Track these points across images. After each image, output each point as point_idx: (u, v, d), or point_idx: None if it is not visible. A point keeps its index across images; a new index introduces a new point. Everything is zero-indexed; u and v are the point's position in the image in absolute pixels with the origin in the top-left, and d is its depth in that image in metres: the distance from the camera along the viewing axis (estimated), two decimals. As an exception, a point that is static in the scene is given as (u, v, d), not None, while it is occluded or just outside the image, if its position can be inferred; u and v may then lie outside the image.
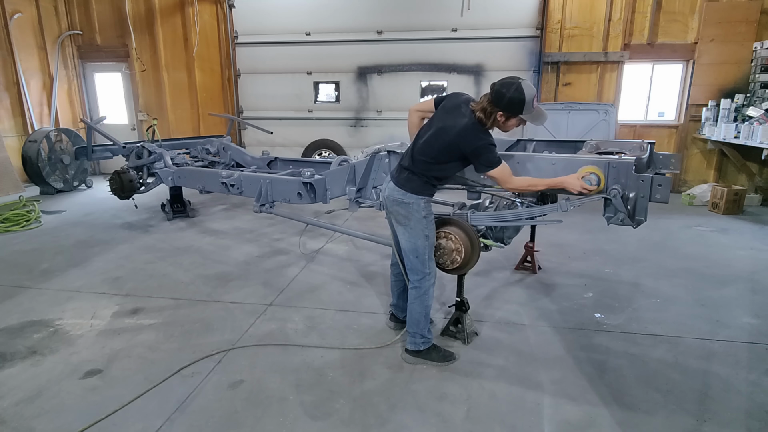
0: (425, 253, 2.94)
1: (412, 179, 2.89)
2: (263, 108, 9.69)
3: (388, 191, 2.98)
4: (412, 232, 2.91)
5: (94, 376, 2.94)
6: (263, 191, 4.38)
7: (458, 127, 2.74)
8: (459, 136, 2.73)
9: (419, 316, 3.03)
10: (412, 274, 3.02)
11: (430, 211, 2.97)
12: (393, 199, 2.93)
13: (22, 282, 4.43)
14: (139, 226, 6.37)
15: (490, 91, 2.73)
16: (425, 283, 2.99)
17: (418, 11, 8.73)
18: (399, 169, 2.99)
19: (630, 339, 3.38)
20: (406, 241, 2.96)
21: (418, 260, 2.95)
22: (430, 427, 2.50)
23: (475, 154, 2.73)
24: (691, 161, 8.55)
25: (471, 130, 2.73)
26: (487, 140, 2.73)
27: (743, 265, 4.84)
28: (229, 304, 3.99)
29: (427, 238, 2.94)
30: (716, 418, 2.55)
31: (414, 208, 2.88)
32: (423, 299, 3.01)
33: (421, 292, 3.00)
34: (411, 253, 2.96)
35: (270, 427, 2.50)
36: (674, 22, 8.14)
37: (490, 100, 2.70)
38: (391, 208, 2.97)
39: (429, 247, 2.96)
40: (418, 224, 2.90)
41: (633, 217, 2.83)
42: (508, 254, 4.87)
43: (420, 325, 3.04)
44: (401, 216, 2.93)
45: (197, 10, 9.28)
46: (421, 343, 3.08)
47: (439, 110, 2.94)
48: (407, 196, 2.89)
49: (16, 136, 9.05)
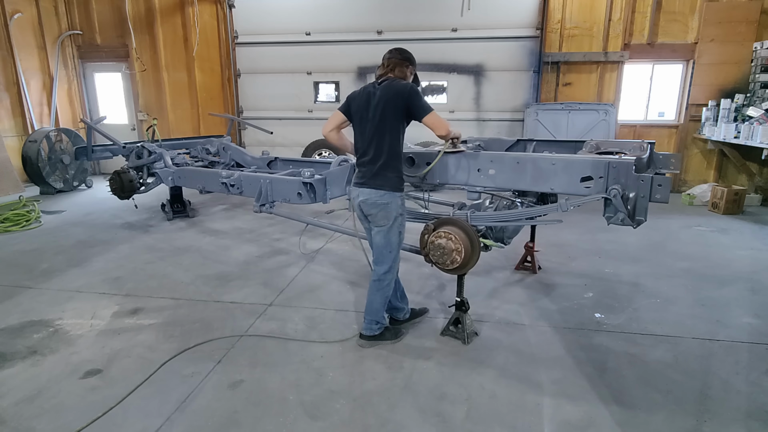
0: (397, 248, 3.17)
1: (388, 178, 3.03)
2: (263, 108, 9.69)
3: (364, 196, 3.08)
4: (390, 230, 3.11)
5: (94, 376, 2.94)
6: (263, 191, 4.37)
7: (397, 87, 2.98)
8: (406, 91, 2.96)
9: (379, 305, 3.26)
10: (379, 267, 3.20)
11: (405, 208, 3.18)
12: (372, 203, 3.06)
13: (22, 282, 4.43)
14: (139, 226, 6.37)
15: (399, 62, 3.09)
16: (389, 276, 3.21)
17: (418, 11, 8.73)
18: (369, 172, 3.06)
19: (630, 339, 3.38)
20: (381, 238, 3.14)
21: (391, 255, 3.16)
22: (430, 427, 2.50)
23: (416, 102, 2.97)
24: (691, 161, 8.55)
25: (407, 84, 3.05)
26: (417, 88, 3.08)
27: (743, 265, 4.84)
28: (229, 304, 3.99)
29: (400, 234, 3.17)
30: (716, 418, 2.55)
31: (393, 207, 3.05)
32: (385, 290, 3.24)
33: (384, 284, 3.22)
34: (384, 248, 3.15)
35: (270, 427, 2.50)
36: (674, 22, 8.14)
37: (408, 65, 3.12)
38: (370, 211, 3.09)
39: (400, 243, 3.20)
40: (396, 222, 3.10)
41: (633, 217, 2.83)
42: (508, 254, 4.87)
43: (378, 313, 3.27)
44: (381, 217, 3.08)
45: (197, 10, 9.29)
46: (377, 329, 3.31)
47: (361, 104, 3.09)
48: (385, 196, 3.03)
49: (16, 136, 9.06)
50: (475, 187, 3.38)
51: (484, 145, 4.47)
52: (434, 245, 3.09)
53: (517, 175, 3.17)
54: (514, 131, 8.80)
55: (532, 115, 8.24)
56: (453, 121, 9.02)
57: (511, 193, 3.78)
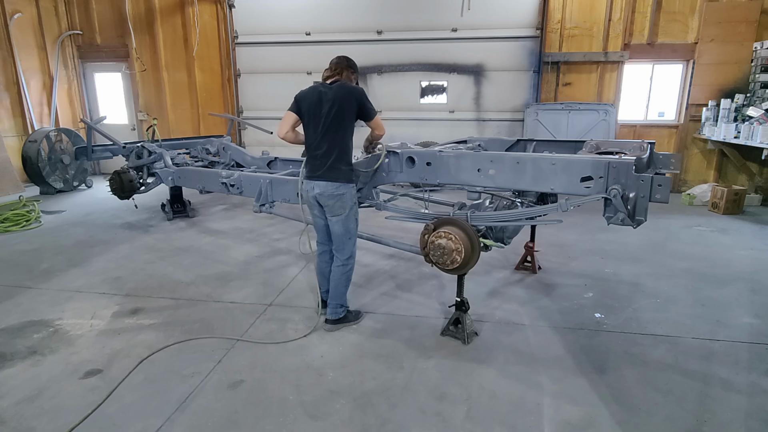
0: (354, 234, 3.43)
1: (341, 170, 3.27)
2: (263, 108, 9.69)
3: (320, 189, 3.30)
4: (346, 218, 3.35)
5: (94, 376, 2.94)
6: (263, 191, 4.38)
7: (350, 88, 3.26)
8: (358, 93, 3.26)
9: (343, 288, 3.50)
10: (341, 254, 3.45)
11: (356, 197, 3.43)
12: (328, 194, 3.29)
13: (22, 282, 4.43)
14: (139, 226, 6.37)
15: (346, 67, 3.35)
16: (351, 260, 3.48)
17: (418, 11, 8.73)
18: (323, 165, 3.28)
19: (630, 339, 3.38)
20: (341, 226, 3.36)
21: (350, 241, 3.42)
22: (430, 427, 2.50)
23: (364, 104, 3.27)
24: (691, 161, 8.55)
25: (358, 88, 3.31)
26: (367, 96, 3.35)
27: (743, 265, 4.84)
28: (229, 304, 3.99)
29: (356, 221, 3.44)
30: (716, 418, 2.55)
31: (347, 197, 3.31)
32: (348, 274, 3.49)
33: (347, 268, 3.47)
34: (344, 236, 3.40)
35: (270, 427, 2.50)
36: (674, 22, 8.14)
37: (353, 71, 3.40)
38: (326, 202, 3.32)
39: (356, 229, 3.45)
40: (351, 211, 3.35)
41: (633, 217, 2.83)
42: (508, 254, 4.87)
43: (342, 297, 3.52)
44: (337, 207, 3.32)
45: (197, 10, 9.29)
46: (341, 312, 3.54)
47: (313, 102, 3.27)
48: (340, 188, 3.27)
49: (16, 136, 9.06)
50: (475, 187, 3.38)
51: (484, 145, 4.47)
52: (434, 245, 3.09)
53: (517, 175, 3.16)
54: (514, 131, 8.80)
55: (532, 115, 8.24)
56: (453, 121, 9.04)
57: (511, 193, 3.78)
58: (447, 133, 8.71)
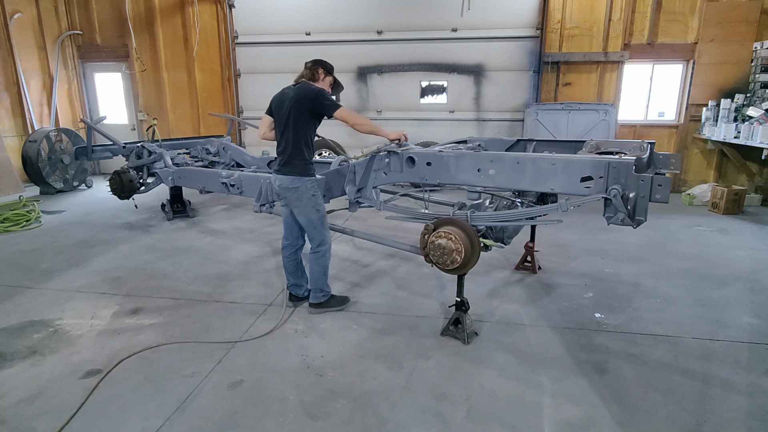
0: (320, 223, 3.58)
1: (294, 164, 3.47)
2: (263, 108, 9.50)
3: (279, 182, 3.55)
4: (305, 209, 3.52)
5: (94, 376, 2.94)
6: (263, 191, 4.38)
7: (307, 88, 3.45)
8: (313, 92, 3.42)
9: (319, 274, 3.67)
10: (312, 241, 3.63)
11: (316, 189, 3.54)
12: (285, 187, 3.51)
13: (22, 282, 4.43)
14: (139, 226, 6.37)
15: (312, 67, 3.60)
16: (323, 247, 3.62)
17: (418, 11, 8.73)
18: (282, 163, 3.53)
19: (630, 339, 3.38)
20: (302, 217, 3.56)
21: (316, 230, 3.58)
22: (430, 427, 2.50)
23: (319, 101, 3.40)
24: (691, 161, 8.55)
25: (316, 87, 3.49)
26: (323, 91, 3.50)
27: (743, 265, 4.84)
28: (229, 304, 3.99)
29: (318, 212, 3.56)
30: (716, 418, 2.55)
31: (302, 190, 3.48)
32: (321, 261, 3.64)
33: (320, 254, 3.62)
34: (308, 226, 3.58)
35: (270, 427, 2.50)
36: (674, 22, 8.14)
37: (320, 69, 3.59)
38: (284, 194, 3.56)
39: (321, 218, 3.59)
40: (309, 202, 3.50)
41: (633, 217, 2.83)
42: (508, 254, 4.87)
43: (320, 282, 3.70)
44: (294, 199, 3.52)
45: (197, 10, 9.29)
46: (322, 297, 3.74)
47: (278, 104, 3.58)
48: (295, 181, 3.47)
49: (16, 136, 9.06)
50: (475, 187, 3.38)
51: (484, 145, 4.47)
52: (434, 245, 3.09)
53: (517, 175, 3.16)
54: (514, 131, 8.80)
55: (532, 115, 8.24)
56: (453, 121, 9.03)
57: (511, 193, 3.78)
58: (447, 133, 8.70)
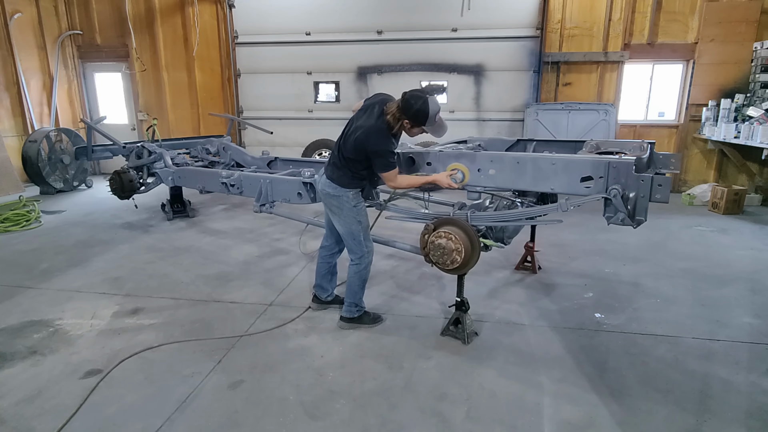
0: (360, 235, 3.34)
1: (340, 174, 3.23)
2: (263, 108, 9.69)
3: (321, 185, 3.35)
4: (346, 220, 3.30)
5: (94, 376, 2.94)
6: (263, 191, 4.38)
7: (366, 127, 3.06)
8: (366, 136, 3.04)
9: (357, 288, 3.46)
10: (352, 254, 3.43)
11: (359, 200, 3.32)
12: (325, 192, 3.31)
13: (22, 282, 4.43)
14: (139, 226, 6.37)
15: (401, 99, 3.00)
16: (365, 260, 3.40)
17: (418, 11, 8.73)
18: (330, 164, 3.32)
19: (630, 339, 3.38)
20: (341, 226, 3.36)
21: (355, 242, 3.36)
22: (430, 427, 2.50)
23: (375, 154, 3.07)
24: (691, 161, 8.55)
25: (376, 133, 3.04)
26: (387, 146, 3.07)
27: (743, 265, 4.84)
28: (229, 304, 3.99)
29: (360, 223, 3.32)
30: (716, 418, 2.55)
31: (344, 200, 3.25)
32: (362, 274, 3.43)
33: (361, 267, 3.41)
34: (348, 237, 3.37)
35: (270, 427, 2.50)
36: (674, 22, 8.13)
37: (400, 108, 2.98)
38: (325, 200, 3.36)
39: (363, 230, 3.35)
40: (350, 213, 3.28)
41: (633, 217, 2.83)
42: (508, 254, 4.87)
43: (357, 296, 3.49)
44: (334, 206, 3.31)
45: (197, 10, 9.28)
46: (356, 311, 3.52)
47: (360, 108, 3.24)
48: (337, 190, 3.24)
49: (16, 136, 9.06)
50: (475, 187, 3.39)
51: (484, 145, 4.47)
52: (434, 245, 3.09)
53: (517, 175, 3.17)
54: (514, 131, 8.80)
55: (532, 115, 8.23)
56: (453, 121, 9.02)
57: (511, 193, 3.78)
58: (447, 133, 8.68)
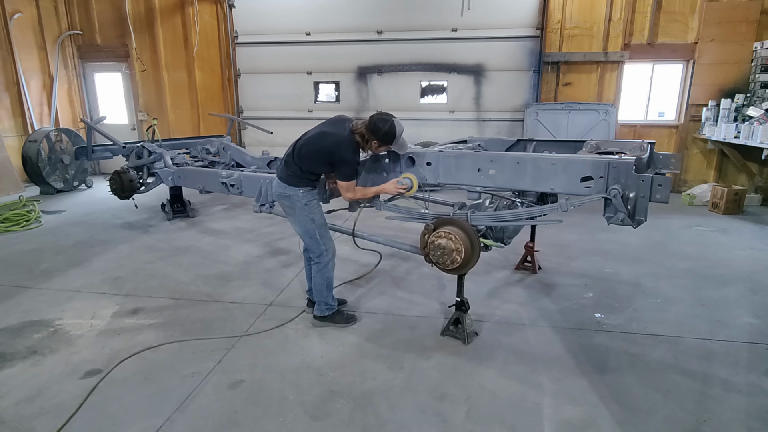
0: (316, 233, 3.40)
1: (289, 173, 3.32)
2: (263, 108, 9.69)
3: (274, 187, 3.46)
4: (299, 219, 3.38)
5: (94, 376, 2.94)
6: (263, 191, 4.38)
7: (339, 136, 3.19)
8: (338, 144, 3.18)
9: (321, 287, 3.51)
10: (311, 253, 3.51)
11: (311, 198, 3.37)
12: (278, 193, 3.41)
13: (22, 282, 4.43)
14: (139, 226, 6.37)
15: (369, 122, 3.16)
16: (323, 258, 3.45)
17: (418, 11, 8.73)
18: (282, 164, 3.40)
19: (630, 339, 3.38)
20: (297, 226, 3.44)
21: (312, 240, 3.43)
22: (430, 427, 2.50)
23: (343, 162, 3.20)
24: (691, 161, 8.55)
25: (348, 144, 3.19)
26: (354, 158, 3.25)
27: (743, 265, 4.83)
28: (229, 304, 3.99)
29: (314, 221, 3.38)
30: (716, 418, 2.55)
31: (295, 198, 3.33)
32: (323, 272, 3.47)
33: (321, 266, 3.46)
34: (304, 236, 3.45)
35: (270, 427, 2.50)
36: (674, 22, 8.13)
37: (369, 129, 3.15)
38: (279, 201, 3.46)
39: (318, 228, 3.40)
40: (302, 211, 3.35)
41: (633, 217, 2.83)
42: (508, 254, 4.87)
43: (323, 294, 3.53)
44: (287, 206, 3.40)
45: (197, 10, 9.28)
46: (326, 309, 3.57)
47: (326, 120, 3.42)
48: (287, 189, 3.33)
49: (16, 136, 9.06)
50: (475, 187, 3.38)
51: (484, 145, 4.47)
52: (434, 245, 3.09)
53: (517, 175, 3.16)
54: (514, 131, 8.80)
55: (532, 115, 8.24)
56: (453, 121, 9.03)
57: (511, 193, 3.78)
58: (447, 133, 8.70)
